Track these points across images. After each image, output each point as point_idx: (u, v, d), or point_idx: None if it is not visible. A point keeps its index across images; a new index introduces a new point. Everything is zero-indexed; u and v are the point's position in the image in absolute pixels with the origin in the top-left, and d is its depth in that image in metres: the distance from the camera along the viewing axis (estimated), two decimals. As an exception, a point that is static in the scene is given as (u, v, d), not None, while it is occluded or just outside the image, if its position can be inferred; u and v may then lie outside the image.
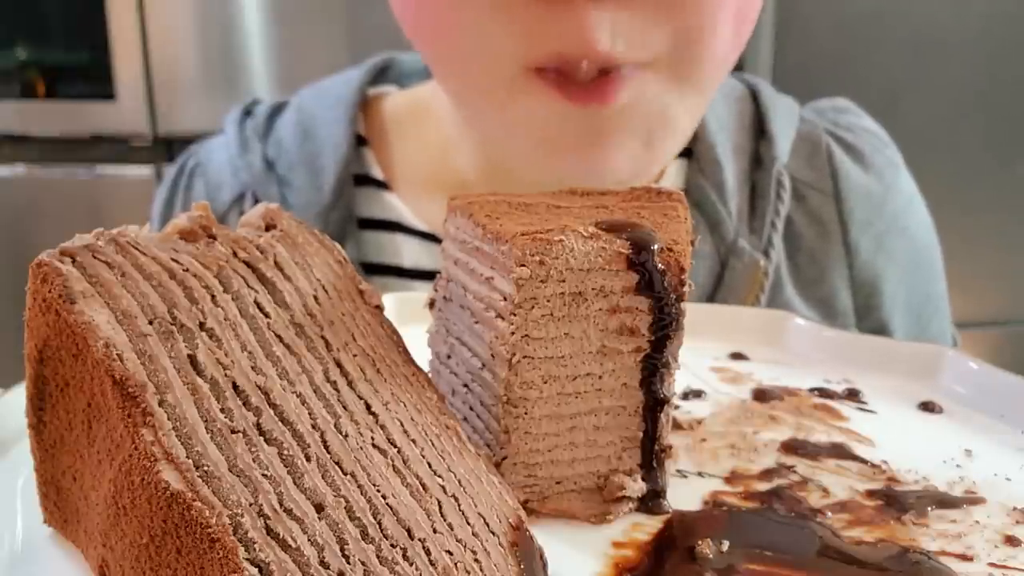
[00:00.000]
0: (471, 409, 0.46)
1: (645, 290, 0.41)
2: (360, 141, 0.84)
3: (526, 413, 0.42)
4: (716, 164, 0.79)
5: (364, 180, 0.83)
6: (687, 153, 0.81)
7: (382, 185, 0.83)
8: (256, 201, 0.81)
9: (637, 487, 0.43)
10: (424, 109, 0.83)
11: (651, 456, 0.44)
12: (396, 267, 0.82)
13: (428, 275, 0.80)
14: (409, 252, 0.81)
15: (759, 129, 0.83)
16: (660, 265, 0.41)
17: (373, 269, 0.82)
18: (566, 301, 0.41)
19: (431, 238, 0.80)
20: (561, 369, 0.42)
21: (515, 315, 0.40)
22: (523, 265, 0.40)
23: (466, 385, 0.46)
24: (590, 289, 0.41)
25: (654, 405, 0.44)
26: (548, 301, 0.41)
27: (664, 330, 0.42)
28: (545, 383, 0.42)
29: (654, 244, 0.41)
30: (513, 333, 0.41)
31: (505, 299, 0.41)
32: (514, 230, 0.41)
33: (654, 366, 0.43)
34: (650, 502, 0.44)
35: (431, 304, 0.50)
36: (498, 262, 0.41)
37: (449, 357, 0.48)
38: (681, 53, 0.63)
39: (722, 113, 0.83)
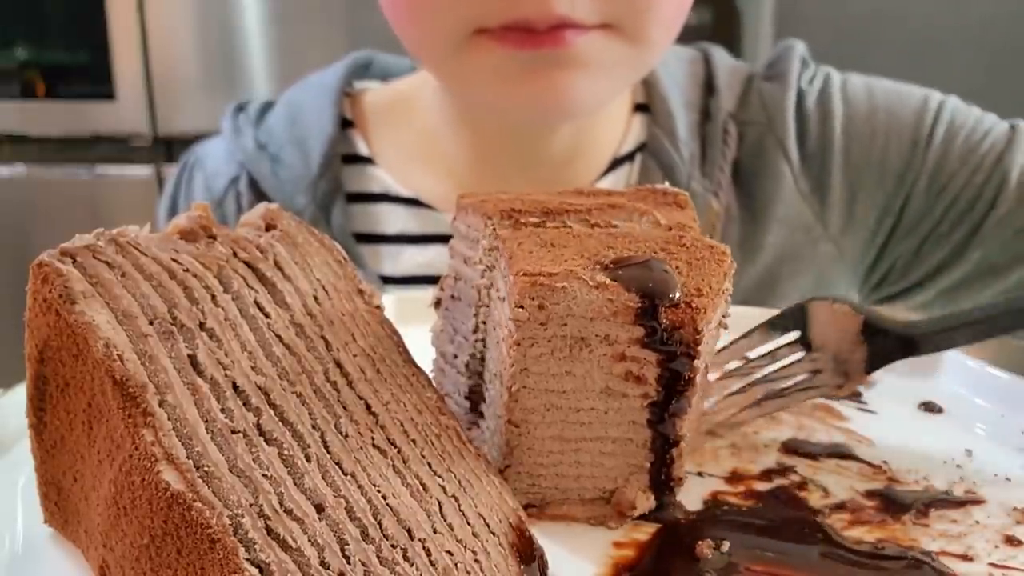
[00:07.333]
0: None
1: (653, 344, 0.39)
2: (346, 124, 0.88)
3: (529, 432, 0.41)
4: (669, 115, 0.85)
5: (351, 159, 0.87)
6: (647, 109, 0.87)
7: (368, 161, 0.87)
8: (250, 180, 0.86)
9: (648, 504, 0.42)
10: (408, 100, 0.88)
11: (660, 484, 0.43)
12: (382, 235, 0.86)
13: (414, 239, 0.84)
14: (395, 220, 0.85)
15: (709, 87, 0.89)
16: (668, 322, 0.38)
17: (361, 238, 0.85)
18: (568, 344, 0.39)
19: (416, 203, 0.84)
20: (564, 401, 0.41)
21: (513, 350, 0.39)
22: (521, 307, 0.38)
23: None
24: (593, 336, 0.39)
25: (663, 443, 0.42)
26: (548, 342, 0.39)
27: (674, 383, 0.40)
28: (548, 410, 0.41)
29: (668, 297, 0.38)
30: (512, 366, 0.39)
31: (509, 330, 0.40)
32: (521, 264, 0.39)
33: (663, 413, 0.41)
34: (655, 514, 0.43)
35: (437, 303, 0.49)
36: (509, 286, 0.40)
37: (456, 357, 0.48)
38: (632, 18, 0.68)
39: (675, 72, 0.89)
